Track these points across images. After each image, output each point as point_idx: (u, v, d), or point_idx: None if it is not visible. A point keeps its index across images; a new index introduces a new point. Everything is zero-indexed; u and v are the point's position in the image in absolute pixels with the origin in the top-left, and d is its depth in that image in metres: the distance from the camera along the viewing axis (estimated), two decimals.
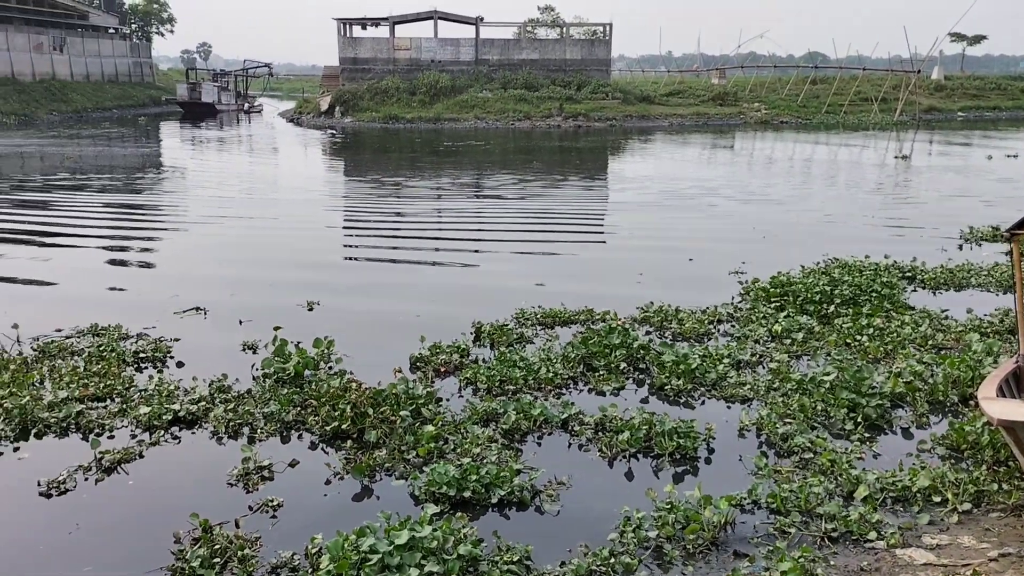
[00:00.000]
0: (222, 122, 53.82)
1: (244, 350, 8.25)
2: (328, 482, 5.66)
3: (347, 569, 4.25)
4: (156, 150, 36.26)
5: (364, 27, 56.26)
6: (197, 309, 9.67)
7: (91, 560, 4.78)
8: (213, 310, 9.71)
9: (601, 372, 7.61)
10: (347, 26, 55.61)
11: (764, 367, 7.75)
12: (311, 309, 9.85)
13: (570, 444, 6.25)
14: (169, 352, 8.12)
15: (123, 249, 13.76)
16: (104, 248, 13.72)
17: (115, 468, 5.82)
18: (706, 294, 10.20)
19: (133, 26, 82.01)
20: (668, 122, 49.92)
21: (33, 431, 6.37)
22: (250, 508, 5.25)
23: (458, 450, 5.93)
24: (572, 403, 6.77)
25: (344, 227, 16.53)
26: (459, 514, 5.03)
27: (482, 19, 55.67)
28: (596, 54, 56.80)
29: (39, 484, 5.54)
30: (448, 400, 6.97)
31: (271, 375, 7.23)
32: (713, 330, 8.90)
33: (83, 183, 22.33)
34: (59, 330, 8.67)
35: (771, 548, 4.71)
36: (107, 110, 58.51)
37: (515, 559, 4.58)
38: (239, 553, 4.64)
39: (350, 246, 14.67)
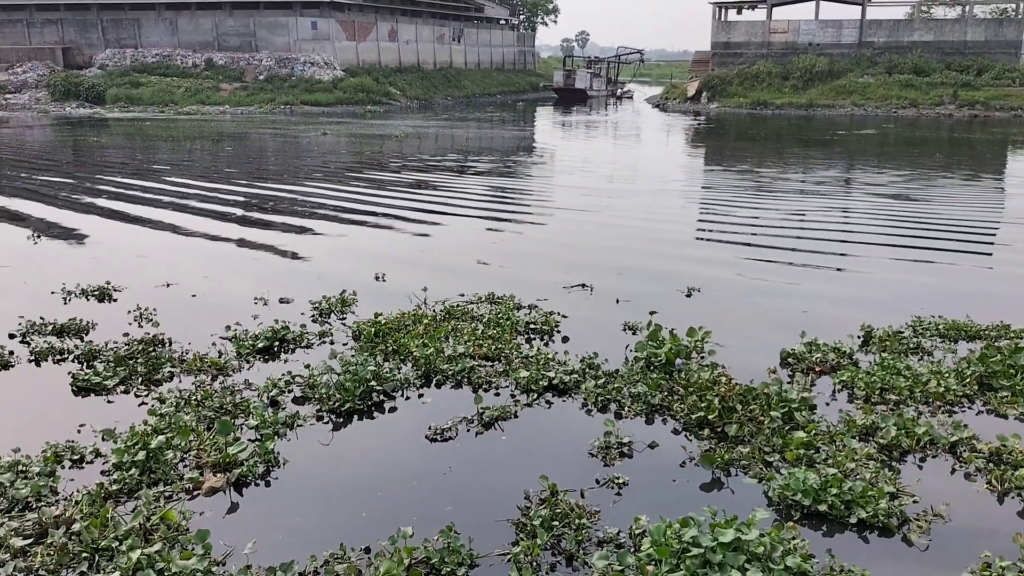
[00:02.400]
0: (591, 107, 56.04)
1: (625, 330, 8.45)
2: (683, 464, 5.64)
3: (667, 556, 4.21)
4: (530, 133, 38.78)
5: (739, 11, 54.99)
6: (583, 286, 10.12)
7: (453, 501, 5.23)
8: (598, 288, 10.08)
9: (1004, 394, 6.61)
10: (723, 10, 54.76)
11: None
12: (689, 295, 9.83)
13: (954, 470, 5.53)
14: (557, 326, 8.55)
15: (498, 230, 14.75)
16: (485, 227, 14.87)
17: (493, 423, 6.30)
18: None
19: (521, 17, 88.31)
20: None
21: (435, 379, 7.13)
22: (597, 481, 5.40)
23: (829, 461, 5.52)
24: (965, 425, 5.99)
25: (701, 218, 16.24)
26: (790, 524, 4.73)
27: None
28: (1004, 35, 49.85)
29: (429, 428, 6.16)
30: (827, 404, 6.57)
31: (642, 358, 7.34)
32: None
33: (466, 164, 24.48)
34: (462, 295, 9.54)
35: None
36: (492, 95, 63.86)
37: None
38: (577, 521, 4.79)
39: (704, 231, 14.39)
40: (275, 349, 7.84)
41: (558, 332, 8.44)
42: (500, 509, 5.08)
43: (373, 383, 6.71)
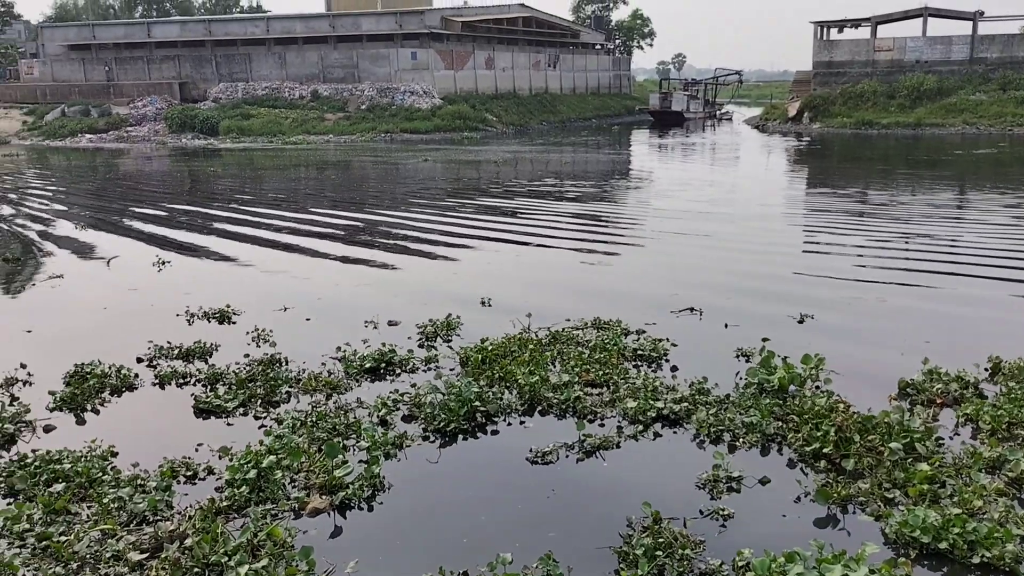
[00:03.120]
0: (688, 129, 55.50)
1: (737, 357, 8.32)
2: (797, 500, 5.50)
3: None
4: (626, 157, 38.68)
5: (841, 29, 53.62)
6: (692, 310, 10.04)
7: (555, 527, 5.25)
8: (707, 312, 9.99)
9: None
10: (824, 29, 53.53)
11: None
12: (801, 322, 9.61)
13: None
14: (666, 354, 8.46)
15: (596, 255, 14.74)
16: (583, 252, 14.90)
17: (595, 452, 6.29)
18: None
19: (617, 41, 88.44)
20: None
21: (539, 408, 7.15)
22: (701, 512, 5.33)
23: (955, 498, 5.28)
24: None
25: (806, 243, 15.84)
26: (902, 560, 4.55)
27: (982, 13, 49.39)
28: None
29: (530, 451, 6.21)
30: (949, 439, 6.31)
31: (753, 383, 7.23)
32: None
33: (563, 189, 24.56)
34: (568, 320, 9.57)
35: None
36: (587, 119, 64.01)
37: None
38: (680, 551, 4.74)
39: (810, 256, 14.02)
40: (382, 371, 8.07)
41: (666, 360, 8.35)
42: (602, 536, 5.07)
43: (477, 404, 6.84)
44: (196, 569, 4.67)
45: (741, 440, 6.36)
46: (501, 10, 62.15)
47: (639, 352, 8.40)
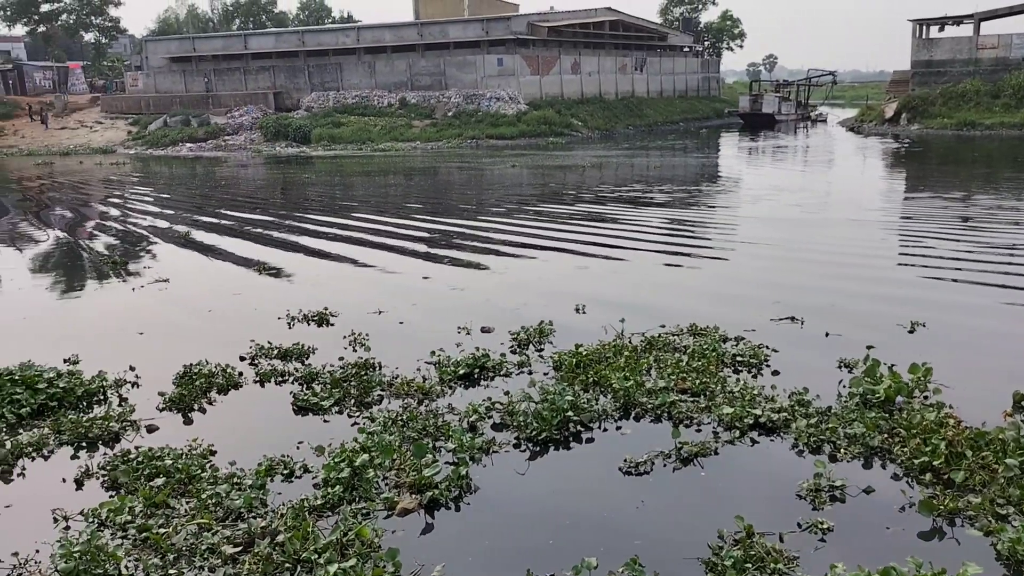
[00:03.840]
0: (780, 132, 54.26)
1: (839, 367, 8.07)
2: (901, 510, 5.34)
3: None
4: (714, 161, 38.07)
5: (942, 27, 51.57)
6: (792, 319, 9.82)
7: (642, 535, 5.21)
8: (807, 320, 9.75)
9: None
10: (923, 27, 51.59)
11: None
12: (912, 331, 9.27)
13: None
14: (766, 359, 8.33)
15: (686, 261, 14.54)
16: (671, 258, 14.72)
17: (692, 460, 6.21)
18: None
19: (706, 43, 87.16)
20: None
21: (633, 412, 7.12)
22: (799, 525, 5.19)
23: None
24: None
25: (906, 250, 15.25)
26: None
27: None
28: None
29: (624, 461, 6.17)
30: None
31: (857, 394, 7.02)
32: None
33: (649, 194, 24.32)
34: (662, 326, 9.49)
35: None
36: (674, 123, 63.26)
37: None
38: (772, 565, 4.62)
39: (912, 263, 13.50)
40: (475, 376, 8.14)
41: (767, 366, 8.19)
42: (691, 547, 4.99)
43: (570, 413, 6.79)
44: (287, 565, 4.81)
45: (843, 451, 6.18)
46: (588, 14, 62.02)
47: (738, 357, 8.26)
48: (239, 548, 5.05)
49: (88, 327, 10.83)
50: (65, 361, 8.71)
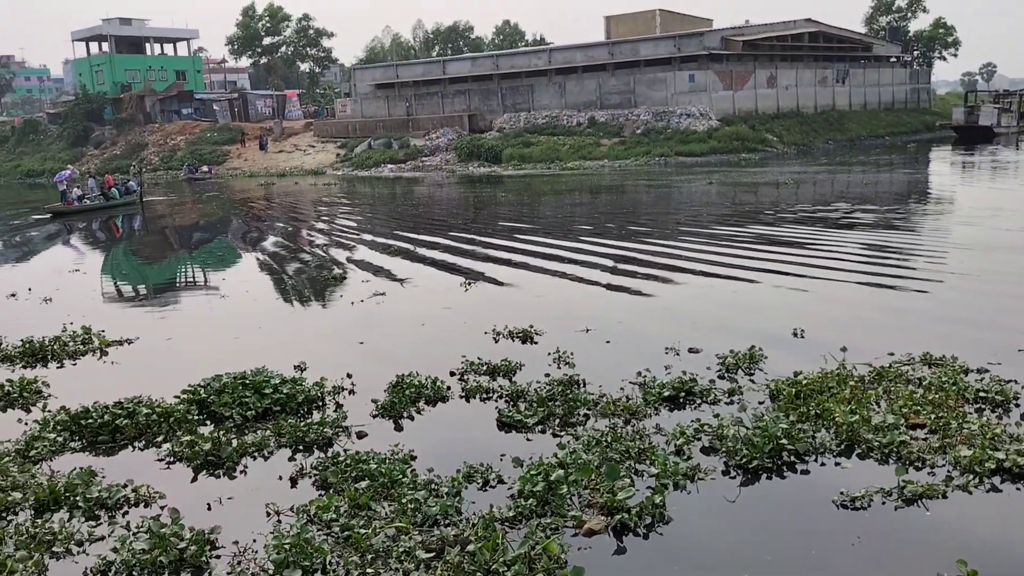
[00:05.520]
0: (999, 146, 49.87)
1: None
2: None
3: None
4: (924, 178, 35.53)
5: None
6: None
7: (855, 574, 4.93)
8: None
9: None
10: None
11: None
12: None
13: None
14: (1016, 397, 7.62)
15: (895, 282, 13.62)
16: (877, 285, 13.86)
17: (916, 500, 5.79)
18: None
19: (915, 53, 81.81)
20: None
21: (857, 450, 6.68)
22: None
23: None
24: None
25: None
26: None
27: None
28: None
29: (840, 494, 5.85)
30: None
31: None
32: None
33: (853, 215, 22.91)
34: (891, 354, 8.98)
35: None
36: (878, 137, 59.70)
37: None
38: None
39: None
40: (681, 399, 8.03)
41: (1016, 405, 7.50)
42: None
43: (784, 441, 6.50)
44: (478, 574, 4.93)
45: None
46: (786, 26, 59.94)
47: (982, 394, 7.59)
48: (432, 554, 5.23)
49: (314, 336, 11.70)
50: (295, 368, 9.46)
